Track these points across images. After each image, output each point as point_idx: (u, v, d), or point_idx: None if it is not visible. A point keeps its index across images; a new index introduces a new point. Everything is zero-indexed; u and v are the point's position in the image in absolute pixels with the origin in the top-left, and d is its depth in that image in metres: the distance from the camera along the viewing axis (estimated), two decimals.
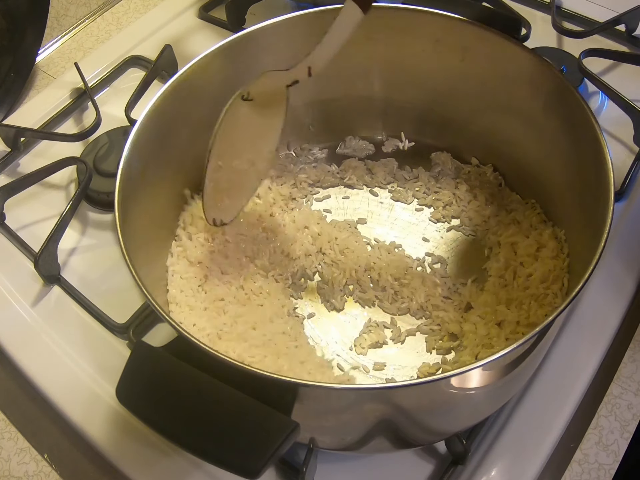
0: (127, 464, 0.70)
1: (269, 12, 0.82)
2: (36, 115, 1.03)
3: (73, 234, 0.89)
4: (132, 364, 0.52)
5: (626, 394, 0.74)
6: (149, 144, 0.71)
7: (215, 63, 0.77)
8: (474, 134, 0.87)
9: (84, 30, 1.22)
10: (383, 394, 0.54)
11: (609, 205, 0.60)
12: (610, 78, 0.97)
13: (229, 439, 0.47)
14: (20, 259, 0.87)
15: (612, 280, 0.79)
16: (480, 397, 0.63)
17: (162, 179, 0.75)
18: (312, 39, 0.67)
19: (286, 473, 0.68)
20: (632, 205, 0.86)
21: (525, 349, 0.58)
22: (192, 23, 1.17)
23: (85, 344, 0.79)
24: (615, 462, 0.69)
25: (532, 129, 0.78)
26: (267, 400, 0.48)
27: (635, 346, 0.77)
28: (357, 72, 0.85)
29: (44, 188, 0.95)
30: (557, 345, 0.75)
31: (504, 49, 0.75)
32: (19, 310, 0.82)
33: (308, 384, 0.51)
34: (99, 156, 0.93)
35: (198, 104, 0.78)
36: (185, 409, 0.49)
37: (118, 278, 0.83)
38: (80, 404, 0.74)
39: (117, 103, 1.01)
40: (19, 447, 0.75)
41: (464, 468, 0.68)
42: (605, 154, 0.63)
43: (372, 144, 0.92)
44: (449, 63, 0.80)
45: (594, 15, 1.09)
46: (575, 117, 0.69)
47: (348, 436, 0.63)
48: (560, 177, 0.75)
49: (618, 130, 0.94)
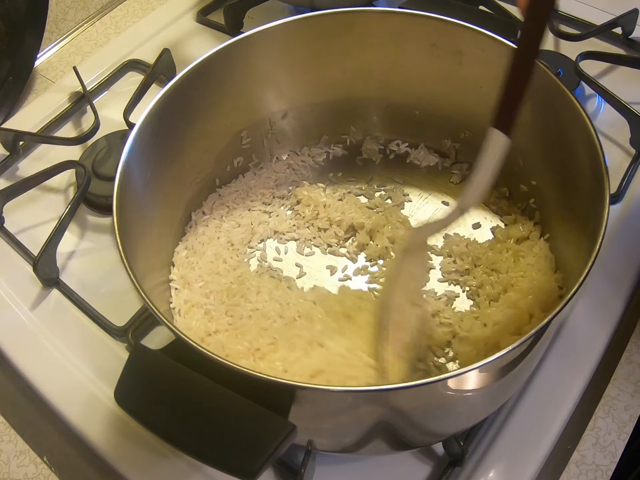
0: (126, 466, 0.70)
1: (266, 16, 0.82)
2: (35, 119, 1.04)
3: (72, 237, 0.89)
4: (130, 366, 0.52)
5: (623, 395, 0.74)
6: (148, 147, 0.71)
7: (214, 66, 0.78)
8: (470, 136, 0.87)
9: (82, 34, 1.22)
10: (380, 396, 0.54)
11: (604, 207, 0.60)
12: (607, 81, 0.97)
13: (226, 441, 0.47)
14: (19, 263, 0.87)
15: (610, 281, 0.80)
16: (478, 398, 0.64)
17: (161, 182, 0.75)
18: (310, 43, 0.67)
19: (284, 475, 0.68)
20: (629, 208, 0.86)
21: (522, 350, 0.58)
22: (191, 27, 1.18)
23: (84, 347, 0.79)
24: (613, 463, 0.70)
25: (528, 131, 0.77)
26: (265, 402, 0.48)
27: (631, 347, 0.77)
28: (354, 76, 0.85)
29: (43, 192, 0.95)
30: (555, 347, 0.75)
31: (500, 52, 0.74)
32: (18, 314, 0.82)
33: (305, 386, 0.51)
34: (98, 160, 0.93)
35: (197, 107, 0.78)
36: (183, 411, 0.49)
37: (117, 281, 0.84)
38: (79, 406, 0.74)
39: (115, 107, 1.02)
40: (18, 450, 0.75)
41: (461, 470, 0.68)
42: (599, 156, 0.63)
43: (369, 148, 0.92)
44: (446, 66, 0.81)
45: (590, 18, 1.09)
46: (570, 120, 0.69)
47: (346, 438, 0.63)
48: (555, 179, 0.75)
49: (614, 132, 0.94)
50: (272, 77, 0.83)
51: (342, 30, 0.81)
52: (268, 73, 0.83)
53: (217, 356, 0.52)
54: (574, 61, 0.97)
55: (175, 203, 0.80)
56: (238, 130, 0.86)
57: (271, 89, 0.84)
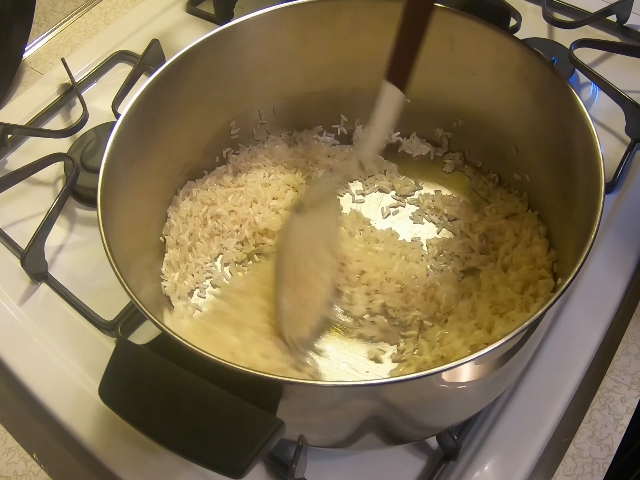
0: (116, 462, 0.69)
1: (256, 5, 0.80)
2: (23, 111, 1.03)
3: (61, 230, 0.88)
4: (114, 362, 0.51)
5: (619, 387, 0.73)
6: (134, 138, 0.71)
7: (201, 56, 0.77)
8: (463, 125, 0.86)
9: (71, 26, 1.21)
10: (370, 390, 0.53)
11: (599, 196, 0.59)
12: (602, 69, 0.96)
13: (212, 438, 0.46)
14: (7, 257, 0.86)
15: (606, 271, 0.79)
16: (471, 391, 0.63)
17: (148, 174, 0.74)
18: (298, 30, 0.66)
19: (276, 470, 0.68)
20: (624, 196, 0.86)
21: (516, 342, 0.58)
22: (180, 17, 1.17)
23: (73, 342, 0.78)
24: (610, 456, 0.69)
25: (522, 119, 0.77)
26: (252, 398, 0.47)
27: (628, 339, 0.76)
28: (345, 64, 0.84)
29: (32, 185, 0.94)
30: (550, 339, 0.74)
31: (493, 40, 0.74)
32: (6, 308, 0.81)
33: (293, 381, 0.50)
34: (86, 152, 0.93)
35: (184, 97, 0.77)
36: (168, 407, 0.48)
37: (106, 275, 0.81)
38: (69, 402, 0.73)
39: (104, 98, 1.01)
40: (7, 447, 0.75)
41: (456, 464, 0.67)
42: (595, 144, 0.63)
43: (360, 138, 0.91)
44: (438, 54, 0.79)
45: (585, 6, 1.08)
46: (564, 107, 0.68)
47: (337, 433, 0.62)
48: (550, 168, 0.74)
49: (610, 121, 0.93)
50: (261, 66, 0.82)
51: (330, 18, 0.80)
52: (256, 62, 0.82)
53: (202, 351, 0.51)
54: (568, 49, 0.96)
55: (163, 194, 0.79)
56: (227, 121, 0.85)
57: (260, 78, 0.83)
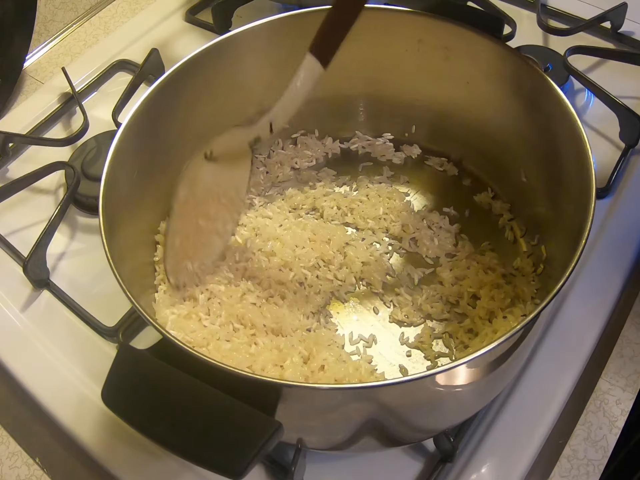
0: (117, 466, 0.70)
1: (255, 15, 0.82)
2: (24, 120, 1.04)
3: (62, 238, 0.89)
4: (116, 366, 0.52)
5: (614, 389, 0.74)
6: (134, 146, 0.71)
7: (201, 65, 0.78)
8: (457, 133, 0.87)
9: (71, 35, 1.22)
10: (367, 393, 0.54)
11: (591, 201, 0.60)
12: (596, 75, 0.97)
13: (212, 439, 0.47)
14: (9, 264, 0.87)
15: (601, 275, 0.80)
16: (467, 394, 0.64)
17: (149, 182, 0.75)
18: (296, 40, 0.67)
19: (275, 473, 0.68)
20: (619, 201, 0.86)
21: (510, 344, 0.58)
22: (179, 26, 1.18)
23: (75, 348, 0.79)
24: (605, 458, 0.69)
25: (515, 126, 0.78)
26: (251, 401, 0.48)
27: (622, 342, 0.77)
28: (340, 73, 0.84)
29: (33, 193, 0.95)
30: (545, 341, 0.75)
31: (486, 48, 0.75)
32: (8, 315, 0.82)
33: (291, 384, 0.51)
34: (87, 160, 0.93)
35: (183, 106, 0.78)
36: (169, 410, 0.49)
37: (107, 282, 0.82)
38: (71, 407, 0.74)
39: (104, 107, 1.02)
40: (10, 451, 0.75)
41: (452, 466, 0.68)
42: (586, 150, 0.63)
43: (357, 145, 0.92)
44: (433, 62, 0.81)
45: (579, 13, 1.09)
46: (557, 114, 0.69)
47: (335, 436, 0.63)
48: (543, 174, 0.75)
49: (604, 127, 0.94)
50: (259, 75, 0.83)
51: None
52: (255, 72, 0.83)
53: (203, 355, 0.52)
54: (562, 56, 0.97)
55: (164, 201, 0.80)
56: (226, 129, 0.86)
57: (259, 87, 0.84)
